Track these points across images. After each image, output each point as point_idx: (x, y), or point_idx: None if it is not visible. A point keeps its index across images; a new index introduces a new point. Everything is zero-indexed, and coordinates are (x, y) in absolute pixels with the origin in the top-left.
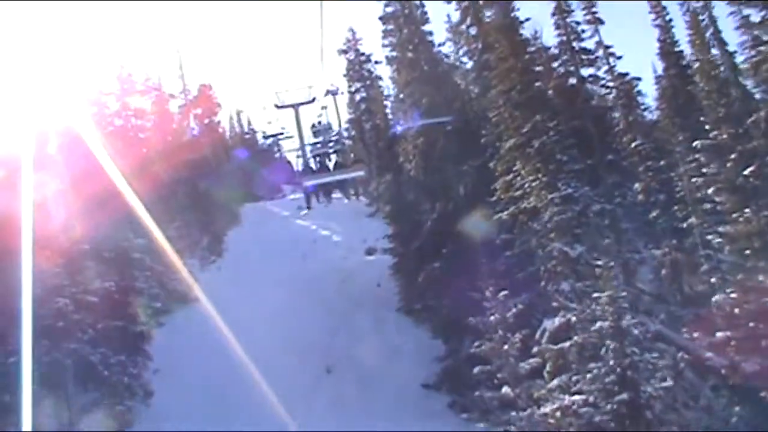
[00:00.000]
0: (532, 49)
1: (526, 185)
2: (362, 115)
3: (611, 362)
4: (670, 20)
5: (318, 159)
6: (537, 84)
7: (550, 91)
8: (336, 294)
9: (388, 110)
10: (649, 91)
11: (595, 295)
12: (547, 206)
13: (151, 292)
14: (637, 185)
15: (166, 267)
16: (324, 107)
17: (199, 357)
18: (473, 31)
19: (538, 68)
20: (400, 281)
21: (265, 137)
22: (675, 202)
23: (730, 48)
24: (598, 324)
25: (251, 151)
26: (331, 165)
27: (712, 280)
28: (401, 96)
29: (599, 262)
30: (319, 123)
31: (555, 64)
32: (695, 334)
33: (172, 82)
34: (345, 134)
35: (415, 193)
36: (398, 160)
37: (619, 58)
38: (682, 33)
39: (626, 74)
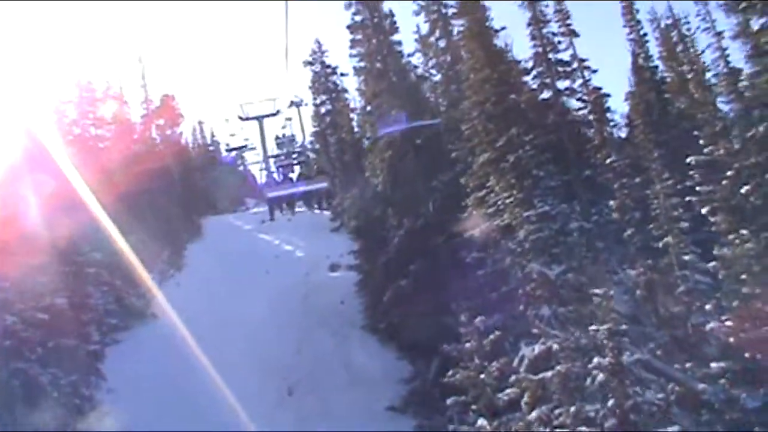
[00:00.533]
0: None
1: (500, 202)
2: (327, 128)
3: (610, 403)
4: (644, 34)
5: (282, 170)
6: (512, 96)
7: (523, 105)
8: (299, 311)
9: (354, 123)
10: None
11: (593, 327)
12: (522, 224)
13: (107, 308)
14: (612, 203)
15: (124, 282)
16: (288, 119)
17: (155, 376)
18: (442, 43)
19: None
20: (365, 298)
21: (228, 150)
22: (650, 220)
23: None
24: (596, 360)
25: (214, 164)
26: (294, 177)
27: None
28: (368, 108)
29: (597, 291)
30: (284, 135)
31: (529, 77)
32: (687, 365)
33: (134, 92)
34: (309, 146)
35: (382, 208)
36: (365, 173)
37: (594, 71)
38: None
39: (600, 88)
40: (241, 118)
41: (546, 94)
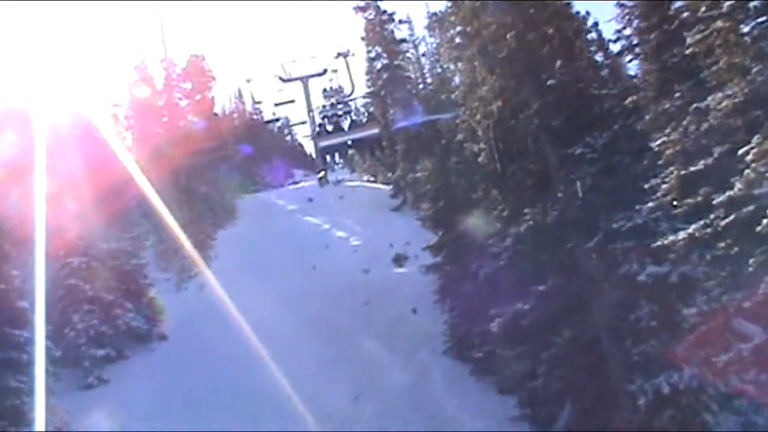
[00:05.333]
0: None
1: None
2: (384, 87)
3: None
4: None
5: (331, 120)
6: None
7: None
8: (357, 325)
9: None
10: None
11: None
12: None
13: (91, 335)
14: None
15: (119, 295)
16: (334, 71)
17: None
18: None
19: None
20: (449, 312)
21: (276, 105)
22: None
23: None
24: None
25: (256, 133)
26: (345, 126)
27: None
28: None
29: None
30: (331, 88)
31: None
32: None
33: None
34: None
35: (483, 188)
36: (443, 137)
37: None
38: None
39: None
40: (282, 79)
41: None
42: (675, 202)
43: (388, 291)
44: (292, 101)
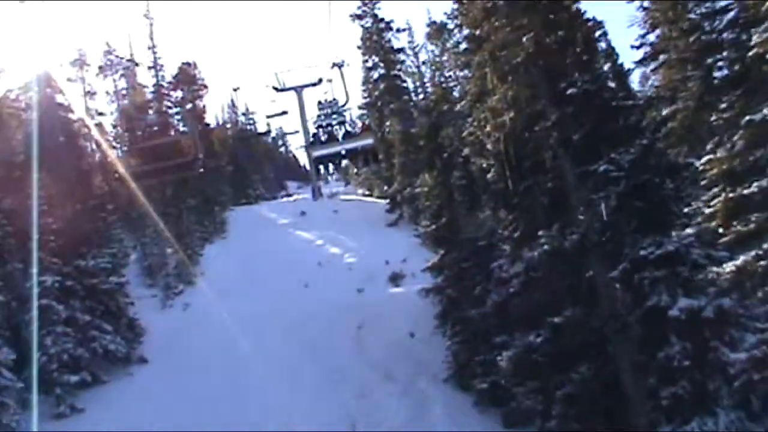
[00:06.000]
0: None
1: None
2: (381, 97)
3: None
4: None
5: (325, 130)
6: None
7: None
8: (350, 351)
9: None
10: None
11: None
12: None
13: (64, 360)
14: None
15: (96, 316)
16: (329, 80)
17: None
18: None
19: None
20: (451, 338)
21: (268, 117)
22: None
23: None
24: None
25: (249, 144)
26: (339, 136)
27: None
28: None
29: None
30: (326, 101)
31: None
32: None
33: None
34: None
35: (491, 206)
36: (445, 150)
37: None
38: None
39: None
40: (276, 89)
41: None
42: (721, 229)
43: (384, 313)
44: (285, 113)
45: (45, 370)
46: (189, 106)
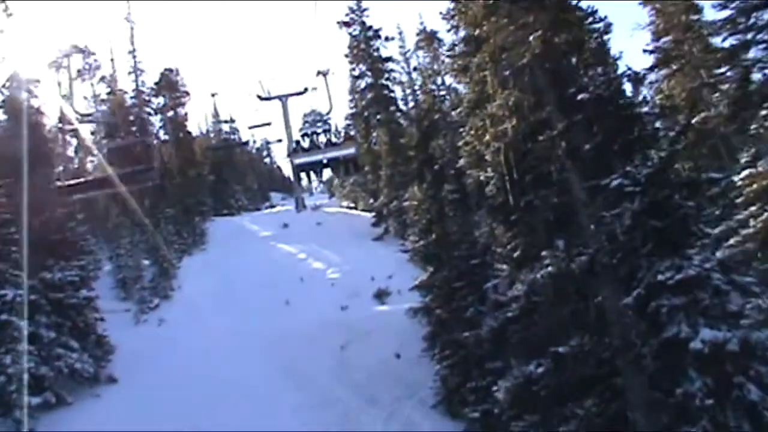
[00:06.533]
0: None
1: None
2: (368, 107)
3: None
4: None
5: (309, 137)
6: None
7: None
8: (333, 374)
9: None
10: None
11: None
12: None
13: (25, 380)
14: None
15: (62, 332)
16: (314, 88)
17: None
18: None
19: None
20: (440, 360)
21: (250, 127)
22: None
23: None
24: None
25: (232, 153)
26: (322, 144)
27: None
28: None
29: None
30: (312, 111)
31: None
32: None
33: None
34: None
35: (478, 222)
36: (436, 162)
37: None
38: None
39: None
40: (260, 97)
41: None
42: (760, 253)
43: (369, 332)
44: (269, 124)
45: (4, 391)
46: (170, 113)
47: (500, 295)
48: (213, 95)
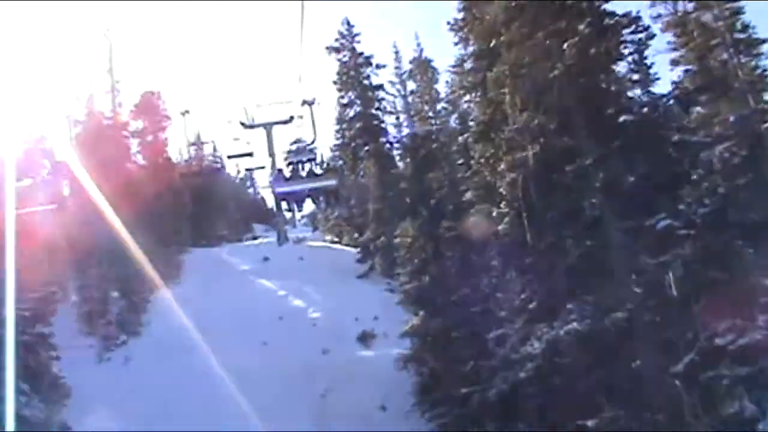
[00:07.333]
0: None
1: None
2: (357, 137)
3: None
4: None
5: (292, 166)
6: None
7: None
8: (312, 425)
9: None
10: None
11: None
12: None
13: None
14: None
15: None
16: (300, 116)
17: None
18: None
19: None
20: (432, 418)
21: (230, 157)
22: None
23: None
24: None
25: (214, 182)
26: (304, 173)
27: None
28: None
29: None
30: (297, 140)
31: None
32: None
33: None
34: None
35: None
36: (433, 195)
37: None
38: None
39: None
40: (244, 125)
41: None
42: None
43: (352, 378)
44: (250, 154)
45: None
46: (150, 137)
47: (512, 352)
48: (183, 113)
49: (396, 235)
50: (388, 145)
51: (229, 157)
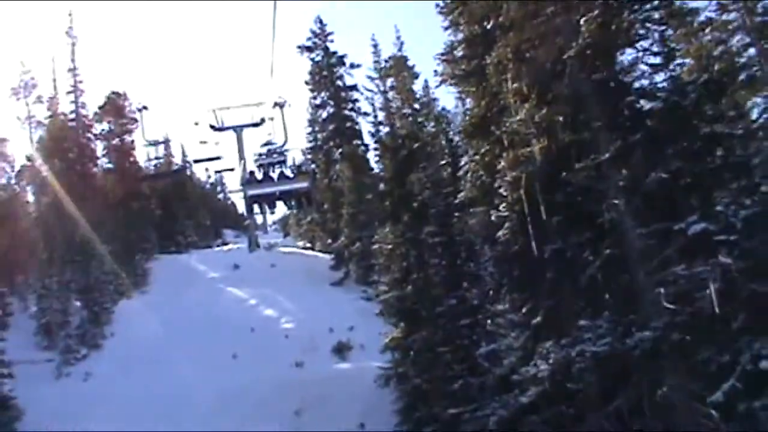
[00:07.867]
0: None
1: None
2: (331, 139)
3: None
4: None
5: (262, 169)
6: None
7: None
8: None
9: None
10: None
11: None
12: None
13: None
14: None
15: None
16: (271, 118)
17: None
18: None
19: None
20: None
21: (196, 161)
22: None
23: None
24: None
25: (182, 187)
26: (275, 176)
27: None
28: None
29: None
30: (268, 141)
31: None
32: None
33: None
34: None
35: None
36: (415, 199)
37: None
38: None
39: None
40: (213, 127)
41: None
42: None
43: (328, 394)
44: (218, 158)
45: None
46: (116, 140)
47: (512, 373)
48: (140, 110)
49: (374, 240)
50: (363, 148)
51: (196, 161)
